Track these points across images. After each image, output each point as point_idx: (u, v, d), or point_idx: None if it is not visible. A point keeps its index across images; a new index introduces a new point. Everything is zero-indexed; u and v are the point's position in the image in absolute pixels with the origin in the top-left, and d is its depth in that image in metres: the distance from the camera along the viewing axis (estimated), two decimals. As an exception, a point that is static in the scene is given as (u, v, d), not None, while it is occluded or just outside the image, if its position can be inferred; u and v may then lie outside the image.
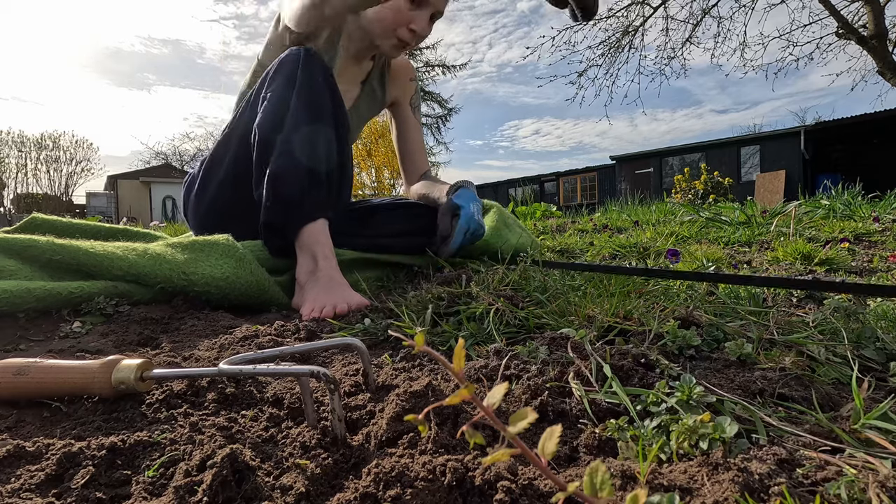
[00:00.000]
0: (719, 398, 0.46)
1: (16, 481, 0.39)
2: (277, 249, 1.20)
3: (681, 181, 9.93)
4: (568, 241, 2.17)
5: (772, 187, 8.53)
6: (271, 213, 1.14)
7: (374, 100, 1.51)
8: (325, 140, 1.12)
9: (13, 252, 0.97)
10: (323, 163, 1.12)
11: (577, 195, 19.56)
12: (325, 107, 1.14)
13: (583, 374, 0.52)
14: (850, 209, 2.77)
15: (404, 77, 1.53)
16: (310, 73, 1.14)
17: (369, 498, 0.35)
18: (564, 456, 0.41)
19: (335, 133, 1.15)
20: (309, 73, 1.14)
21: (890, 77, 7.40)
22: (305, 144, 1.09)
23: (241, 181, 1.23)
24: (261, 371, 0.47)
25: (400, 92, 1.53)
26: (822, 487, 0.33)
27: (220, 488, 0.36)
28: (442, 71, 15.95)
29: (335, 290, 1.02)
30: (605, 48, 9.29)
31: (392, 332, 0.34)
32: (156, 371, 0.53)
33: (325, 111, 1.14)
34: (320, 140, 1.11)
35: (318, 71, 1.16)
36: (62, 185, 26.90)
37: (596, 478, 0.23)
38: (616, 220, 3.27)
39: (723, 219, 2.59)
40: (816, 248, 1.47)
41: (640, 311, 0.73)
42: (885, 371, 0.57)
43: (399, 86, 1.52)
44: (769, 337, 0.64)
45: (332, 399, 0.43)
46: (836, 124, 12.97)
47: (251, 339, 0.79)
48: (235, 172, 1.25)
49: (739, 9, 8.52)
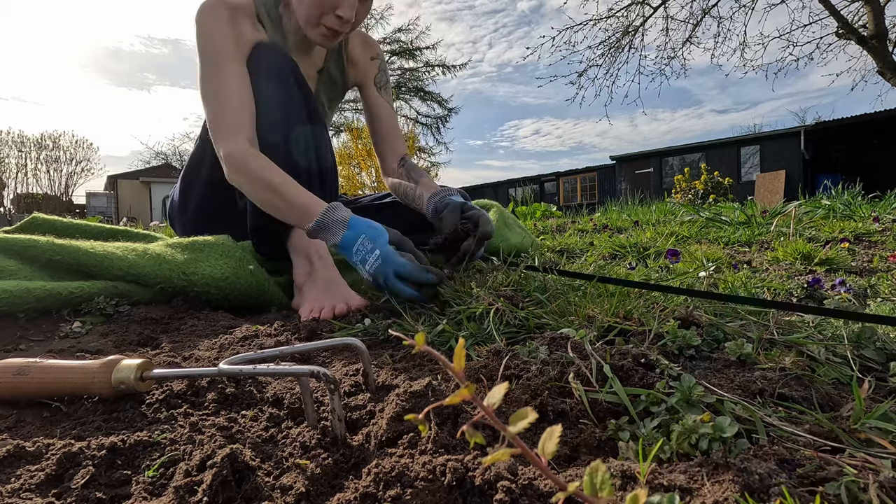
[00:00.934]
0: (719, 398, 0.46)
1: (16, 481, 0.39)
2: (269, 253, 1.18)
3: (681, 181, 9.93)
4: (568, 241, 2.17)
5: (772, 187, 8.53)
6: (259, 219, 1.12)
7: (335, 86, 1.41)
8: (303, 138, 1.10)
9: (13, 252, 0.97)
10: (303, 162, 1.10)
11: (577, 195, 19.56)
12: (297, 105, 1.11)
13: (583, 374, 0.52)
14: (850, 209, 2.77)
15: (364, 56, 1.40)
16: (276, 69, 1.10)
17: (369, 498, 0.35)
18: (564, 456, 0.41)
19: (311, 130, 1.12)
20: (276, 69, 1.10)
21: (890, 77, 7.40)
22: (283, 146, 1.07)
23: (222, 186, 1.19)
24: (261, 371, 0.47)
25: (361, 73, 1.40)
26: (822, 487, 0.33)
27: (220, 488, 0.36)
28: (442, 71, 15.94)
29: (334, 290, 1.02)
30: (605, 48, 9.30)
31: (392, 331, 0.34)
32: (156, 371, 0.53)
33: (298, 110, 1.11)
34: (298, 140, 1.09)
35: (284, 66, 1.11)
36: (62, 185, 26.92)
37: (596, 478, 0.23)
38: (616, 220, 3.27)
39: (723, 219, 2.59)
40: (816, 248, 1.47)
41: (640, 311, 0.73)
42: (885, 371, 0.57)
43: (360, 67, 1.40)
44: (769, 337, 0.64)
45: (332, 399, 0.43)
46: (836, 124, 12.97)
47: (251, 339, 0.79)
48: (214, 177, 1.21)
49: (739, 9, 8.53)
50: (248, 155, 1.02)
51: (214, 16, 1.10)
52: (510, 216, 1.72)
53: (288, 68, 1.12)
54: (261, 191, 1.00)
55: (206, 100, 1.07)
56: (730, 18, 8.74)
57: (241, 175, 1.02)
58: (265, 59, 1.11)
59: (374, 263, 0.90)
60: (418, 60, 15.90)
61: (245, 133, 1.04)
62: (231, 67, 1.08)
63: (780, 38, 8.42)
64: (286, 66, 1.12)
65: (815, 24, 8.12)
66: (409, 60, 15.87)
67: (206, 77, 1.08)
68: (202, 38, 1.09)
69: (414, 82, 16.10)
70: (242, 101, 1.06)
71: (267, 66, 1.10)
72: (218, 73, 1.07)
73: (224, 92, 1.05)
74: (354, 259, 0.93)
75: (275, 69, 1.10)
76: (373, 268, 0.90)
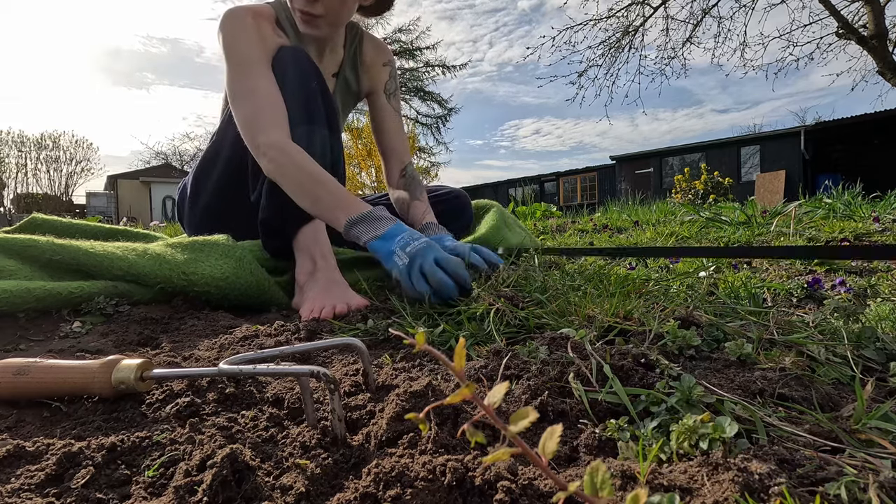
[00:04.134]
0: (719, 398, 0.46)
1: (16, 481, 0.39)
2: (275, 251, 1.19)
3: (681, 181, 9.93)
4: (568, 241, 2.17)
5: (772, 187, 8.53)
6: (268, 215, 1.13)
7: (350, 91, 1.43)
8: (320, 139, 1.11)
9: (13, 252, 0.97)
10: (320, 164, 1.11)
11: (577, 195, 19.56)
12: (317, 106, 1.12)
13: (583, 374, 0.52)
14: (850, 209, 2.77)
15: (377, 62, 1.42)
16: (300, 71, 1.12)
17: (369, 498, 0.35)
18: (564, 456, 0.41)
19: (329, 132, 1.13)
20: (299, 71, 1.12)
21: (890, 77, 7.39)
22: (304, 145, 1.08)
23: (234, 185, 1.21)
24: (261, 371, 0.47)
25: (374, 79, 1.43)
26: (822, 487, 0.33)
27: (220, 488, 0.36)
28: (442, 71, 15.93)
29: (334, 290, 1.02)
30: (606, 48, 9.30)
31: (393, 331, 0.34)
32: (156, 371, 0.53)
33: (318, 110, 1.12)
34: (315, 140, 1.10)
35: (308, 69, 1.13)
36: (62, 185, 26.92)
37: (596, 477, 0.23)
38: (616, 220, 3.27)
39: (723, 219, 2.59)
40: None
41: (640, 311, 0.73)
42: (885, 371, 0.57)
43: (373, 72, 1.42)
44: (769, 337, 0.64)
45: (332, 399, 0.43)
46: (836, 124, 12.98)
47: (251, 339, 0.79)
48: (229, 176, 1.24)
49: (739, 9, 8.53)
50: (291, 145, 1.04)
51: (240, 23, 1.13)
52: (510, 216, 1.72)
53: (312, 70, 1.14)
54: (304, 179, 1.01)
55: (238, 99, 1.09)
56: (730, 18, 8.74)
57: (284, 164, 1.02)
58: (290, 60, 1.12)
59: (417, 246, 0.91)
60: (418, 60, 15.89)
61: (284, 128, 1.06)
62: (261, 69, 1.10)
63: (781, 38, 8.43)
64: (310, 68, 1.14)
65: (815, 24, 8.13)
66: (409, 60, 15.86)
67: (236, 78, 1.09)
68: (229, 44, 1.12)
69: (414, 82, 16.09)
70: (277, 99, 1.08)
71: (292, 67, 1.12)
72: (249, 74, 1.09)
73: (259, 90, 1.08)
74: (394, 246, 0.92)
75: (300, 70, 1.12)
76: (414, 250, 0.90)
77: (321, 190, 1.00)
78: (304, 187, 1.01)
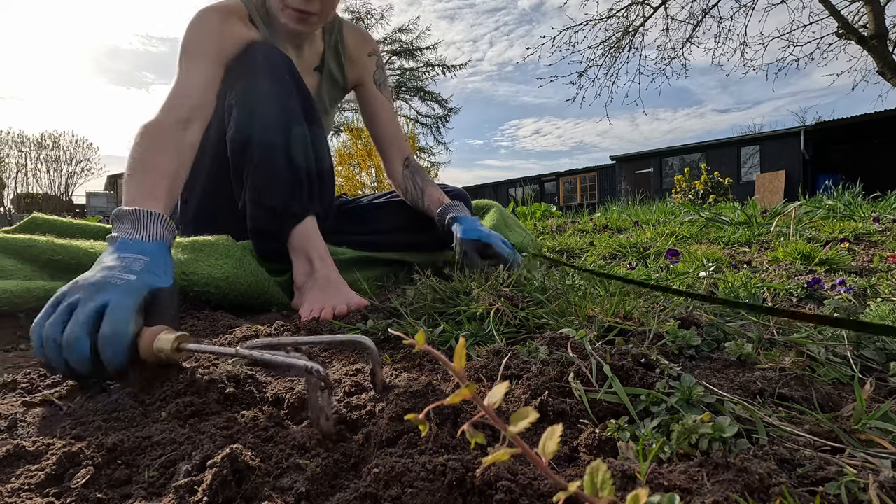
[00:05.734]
0: (719, 398, 0.46)
1: (16, 481, 0.39)
2: (268, 254, 1.18)
3: (681, 181, 9.93)
4: (568, 241, 2.17)
5: (772, 187, 8.54)
6: (258, 220, 1.11)
7: (336, 84, 1.38)
8: (301, 137, 1.09)
9: (13, 252, 0.97)
10: (302, 161, 1.09)
11: (577, 195, 19.56)
12: (294, 103, 1.10)
13: (583, 374, 0.52)
14: (850, 209, 2.77)
15: (362, 52, 1.36)
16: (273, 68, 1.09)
17: (369, 498, 0.35)
18: (564, 456, 0.41)
19: (309, 128, 1.12)
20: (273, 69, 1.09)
21: (890, 77, 7.39)
22: (282, 146, 1.07)
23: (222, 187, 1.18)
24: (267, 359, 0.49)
25: (360, 70, 1.37)
26: (822, 487, 0.33)
27: (220, 488, 0.36)
28: (442, 71, 15.93)
29: (334, 290, 1.01)
30: (606, 48, 9.30)
31: (393, 331, 0.34)
32: (189, 345, 0.57)
33: (294, 108, 1.10)
34: (297, 139, 1.08)
35: (282, 66, 1.11)
36: (62, 185, 26.93)
37: (597, 477, 0.23)
38: (616, 220, 3.27)
39: (723, 219, 2.59)
40: (816, 248, 1.47)
41: (640, 311, 0.73)
42: (885, 371, 0.57)
43: (359, 63, 1.37)
44: (769, 337, 0.64)
45: (321, 396, 0.44)
46: (836, 124, 12.97)
47: (251, 339, 0.78)
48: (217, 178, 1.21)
49: (740, 9, 8.53)
50: (156, 125, 0.95)
51: (203, 21, 1.10)
52: (510, 216, 1.73)
53: (285, 66, 1.11)
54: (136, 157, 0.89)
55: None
56: (730, 18, 8.75)
57: (135, 142, 0.92)
58: (261, 57, 1.10)
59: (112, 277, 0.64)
60: (418, 60, 15.90)
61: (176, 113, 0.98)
62: (198, 63, 1.06)
63: (781, 38, 8.42)
64: (283, 63, 1.11)
65: (815, 24, 8.12)
66: (409, 60, 15.86)
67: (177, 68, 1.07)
68: (183, 41, 1.09)
69: (414, 82, 16.10)
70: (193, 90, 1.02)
71: (264, 65, 1.09)
72: (184, 68, 1.06)
73: (181, 80, 1.03)
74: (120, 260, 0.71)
75: (271, 67, 1.10)
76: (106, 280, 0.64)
77: (138, 174, 0.88)
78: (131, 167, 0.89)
